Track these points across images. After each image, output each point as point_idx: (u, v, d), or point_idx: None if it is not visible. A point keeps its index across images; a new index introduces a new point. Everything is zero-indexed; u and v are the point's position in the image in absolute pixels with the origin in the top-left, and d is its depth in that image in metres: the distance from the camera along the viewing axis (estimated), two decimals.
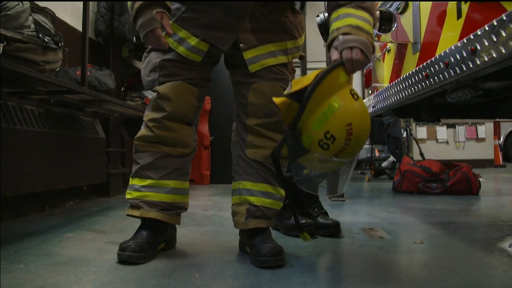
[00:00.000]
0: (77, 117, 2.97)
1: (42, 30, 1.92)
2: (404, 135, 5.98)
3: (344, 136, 1.12)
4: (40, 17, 2.02)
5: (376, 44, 2.49)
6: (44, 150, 2.43)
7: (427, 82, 1.49)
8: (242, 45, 1.48)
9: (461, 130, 9.89)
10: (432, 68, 1.45)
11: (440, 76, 1.38)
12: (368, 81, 2.56)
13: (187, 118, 1.50)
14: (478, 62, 1.15)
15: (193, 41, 1.47)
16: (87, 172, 2.99)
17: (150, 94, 3.61)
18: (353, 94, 1.17)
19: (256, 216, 1.48)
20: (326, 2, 1.67)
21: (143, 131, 1.51)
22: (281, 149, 1.24)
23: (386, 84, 2.36)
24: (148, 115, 1.51)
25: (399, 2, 1.98)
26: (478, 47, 1.15)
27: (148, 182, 1.49)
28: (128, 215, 1.53)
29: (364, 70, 2.63)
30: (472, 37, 1.19)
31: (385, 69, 2.38)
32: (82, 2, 3.32)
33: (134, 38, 3.51)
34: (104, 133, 3.31)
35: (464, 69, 1.22)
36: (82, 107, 2.99)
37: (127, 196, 1.54)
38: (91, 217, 2.43)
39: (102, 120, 3.40)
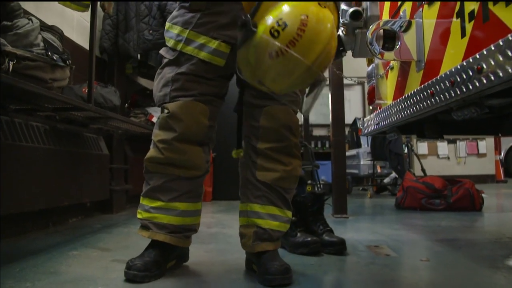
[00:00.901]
0: (81, 133, 2.98)
1: (50, 48, 1.95)
2: (406, 151, 5.99)
3: (297, 25, 1.06)
4: (48, 35, 2.05)
5: (379, 62, 2.51)
6: (48, 166, 2.44)
7: (433, 100, 1.50)
8: None
9: (462, 145, 9.89)
10: (437, 86, 1.46)
11: (446, 94, 1.39)
12: (371, 98, 2.57)
13: (198, 139, 1.48)
14: (484, 81, 1.16)
15: (214, 44, 1.45)
16: (90, 188, 2.99)
17: (154, 111, 3.66)
18: (320, 4, 1.12)
19: (263, 239, 1.48)
20: None
21: (152, 151, 1.49)
22: (241, 44, 1.15)
23: (389, 101, 2.38)
24: (157, 134, 1.49)
25: (402, 20, 2.00)
26: (484, 66, 1.17)
27: (157, 203, 1.48)
28: (138, 233, 1.53)
29: (368, 87, 2.65)
30: (478, 56, 1.20)
31: (388, 86, 2.39)
32: (88, 21, 3.37)
33: (139, 56, 3.54)
34: (108, 149, 3.32)
35: (470, 87, 1.23)
36: (86, 124, 3.00)
37: (138, 216, 1.53)
38: (95, 234, 2.43)
39: (106, 136, 3.41)
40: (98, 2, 2.51)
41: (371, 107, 2.73)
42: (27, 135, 2.32)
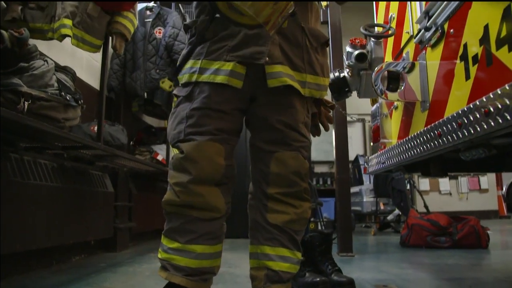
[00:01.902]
0: (88, 171, 3.00)
1: (64, 89, 2.00)
2: (408, 187, 5.98)
3: None
4: (62, 76, 2.10)
5: (383, 101, 2.56)
6: (55, 204, 2.45)
7: (440, 141, 1.53)
8: (268, 58, 1.43)
9: (463, 181, 9.89)
10: (444, 128, 1.50)
11: (454, 135, 1.42)
12: (376, 137, 2.61)
13: (215, 180, 1.44)
14: (492, 124, 1.19)
15: (229, 66, 1.43)
16: (95, 226, 2.98)
17: (159, 149, 3.70)
18: None
19: (274, 281, 1.47)
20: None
21: (169, 194, 1.45)
22: None
23: (394, 140, 2.41)
24: (172, 176, 1.46)
25: (406, 62, 2.06)
26: (492, 110, 1.20)
27: (175, 245, 1.45)
28: (158, 274, 1.50)
29: (372, 126, 2.70)
30: (484, 99, 1.24)
31: (392, 126, 2.44)
32: (97, 61, 3.46)
33: (145, 94, 3.61)
34: (113, 187, 3.33)
35: (478, 129, 1.27)
36: (93, 162, 3.03)
37: (158, 255, 1.49)
38: (100, 274, 2.41)
39: (111, 173, 3.43)
40: (110, 44, 2.57)
41: (371, 143, 2.77)
42: (35, 173, 2.35)
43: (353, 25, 8.55)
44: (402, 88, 2.02)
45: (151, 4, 3.70)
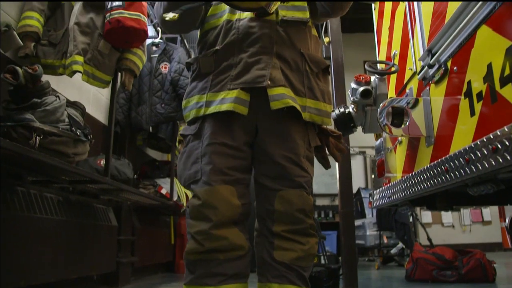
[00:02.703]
0: (92, 204, 3.00)
1: (74, 124, 2.03)
2: (410, 219, 5.95)
3: None
4: (72, 111, 2.14)
5: (387, 136, 2.60)
6: (59, 238, 2.44)
7: (448, 176, 1.55)
8: (270, 82, 1.45)
9: (466, 213, 9.82)
10: (452, 163, 1.52)
11: (461, 171, 1.44)
12: (380, 171, 2.63)
13: (233, 219, 1.45)
14: (500, 160, 1.22)
15: (234, 93, 1.45)
16: (98, 261, 2.95)
17: (163, 183, 3.70)
18: None
19: None
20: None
21: (192, 244, 1.44)
22: None
23: (399, 174, 2.43)
24: (192, 225, 1.45)
25: (410, 98, 2.10)
26: (499, 146, 1.23)
27: None
28: None
29: (376, 160, 2.72)
30: (491, 136, 1.27)
31: (397, 160, 2.46)
32: (103, 95, 3.52)
33: (151, 128, 3.65)
34: (116, 220, 3.32)
35: (486, 166, 1.29)
36: (97, 195, 3.03)
37: None
38: None
39: (115, 207, 3.43)
40: (118, 80, 2.63)
41: (373, 176, 2.78)
42: (41, 206, 2.35)
43: (355, 60, 8.73)
44: (407, 123, 2.05)
45: (158, 40, 3.80)
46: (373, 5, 2.96)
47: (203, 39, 1.65)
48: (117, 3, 2.31)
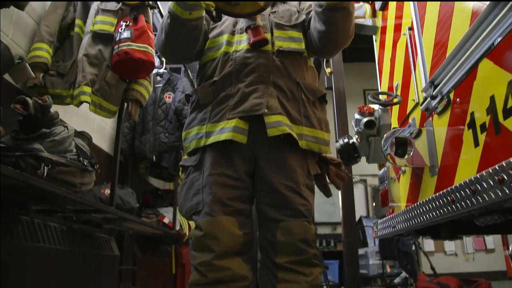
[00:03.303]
0: (95, 234, 2.98)
1: (82, 154, 2.05)
2: (413, 248, 5.90)
3: None
4: (79, 141, 2.16)
5: (390, 165, 2.61)
6: (61, 269, 2.42)
7: (454, 206, 1.56)
8: (267, 110, 1.48)
9: (469, 241, 9.72)
10: (457, 194, 1.53)
11: (468, 202, 1.45)
12: (384, 201, 2.63)
13: (235, 250, 1.46)
14: (507, 191, 1.23)
15: (232, 122, 1.48)
16: None
17: (165, 212, 3.69)
18: None
19: None
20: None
21: (195, 275, 1.44)
22: None
23: (403, 204, 2.44)
24: (195, 257, 1.46)
25: (413, 128, 2.13)
26: (505, 177, 1.24)
27: None
28: None
29: (380, 190, 2.73)
30: (497, 168, 1.29)
31: (401, 190, 2.47)
32: (107, 124, 3.56)
33: (154, 157, 3.67)
34: (118, 249, 3.29)
35: (493, 196, 1.30)
36: (100, 224, 3.02)
37: None
38: None
39: (117, 236, 3.41)
40: (124, 110, 2.67)
41: (374, 204, 2.78)
42: (45, 236, 2.34)
43: (355, 89, 8.83)
44: (411, 153, 2.07)
45: (162, 70, 3.86)
46: (374, 36, 3.03)
47: (201, 71, 1.70)
48: (125, 35, 2.37)
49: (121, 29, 2.38)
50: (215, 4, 1.40)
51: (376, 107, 2.18)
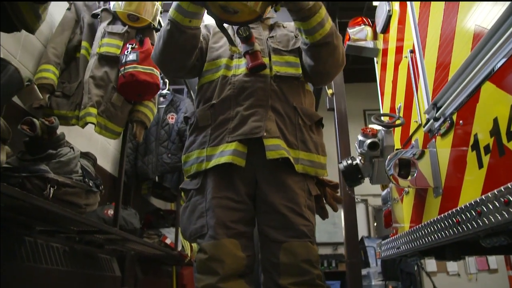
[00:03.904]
0: (97, 255, 2.97)
1: (87, 175, 2.06)
2: (415, 268, 5.86)
3: None
4: (84, 162, 2.18)
5: (393, 186, 2.62)
6: None
7: (459, 228, 1.56)
8: (266, 133, 1.50)
9: (471, 261, 9.60)
10: (463, 215, 1.53)
11: (473, 223, 1.45)
12: (388, 222, 2.63)
13: (239, 272, 1.47)
14: None
15: (232, 146, 1.50)
16: None
17: (168, 232, 3.68)
18: None
19: None
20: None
21: None
22: None
23: (406, 225, 2.43)
24: (200, 279, 1.47)
25: (416, 150, 2.15)
26: (511, 199, 1.25)
27: None
28: None
29: (383, 211, 2.73)
30: (503, 189, 1.30)
31: (404, 211, 2.47)
32: (110, 145, 3.57)
33: (157, 178, 3.68)
34: (119, 270, 3.27)
35: (499, 218, 1.30)
36: (102, 245, 3.01)
37: None
38: None
39: (119, 257, 3.39)
40: (129, 131, 2.69)
41: (375, 224, 2.77)
42: (47, 257, 2.33)
43: (355, 109, 8.88)
44: (414, 175, 2.08)
45: (165, 91, 3.90)
46: (375, 58, 3.07)
47: (199, 93, 1.73)
48: (131, 57, 2.40)
49: (127, 52, 2.42)
50: (214, 14, 1.45)
51: (379, 128, 2.20)
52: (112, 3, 2.58)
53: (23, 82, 1.61)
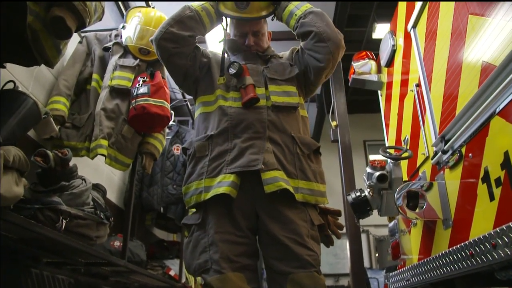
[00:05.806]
0: (101, 286, 2.93)
1: (98, 207, 2.07)
2: None
3: None
4: (95, 193, 2.19)
5: (401, 217, 2.62)
6: None
7: (473, 260, 1.56)
8: (263, 166, 1.52)
9: None
10: (477, 248, 1.54)
11: (488, 256, 1.46)
12: (395, 253, 2.62)
13: None
14: None
15: (230, 178, 1.52)
16: None
17: (171, 264, 3.64)
18: None
19: None
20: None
21: None
22: None
23: (414, 256, 2.42)
24: None
25: (424, 182, 2.17)
26: None
27: None
28: None
29: (391, 242, 2.72)
30: None
31: (412, 243, 2.46)
32: (116, 175, 3.58)
33: (162, 209, 3.67)
34: None
35: None
36: (107, 277, 2.97)
37: None
38: None
39: None
40: (138, 163, 2.71)
41: (377, 255, 2.74)
42: None
43: (355, 139, 8.93)
44: (423, 207, 2.09)
45: (171, 122, 3.94)
46: (379, 91, 3.12)
47: (197, 123, 1.76)
48: (142, 90, 2.45)
49: (139, 85, 2.47)
50: (225, 9, 1.65)
51: (386, 159, 2.23)
52: (124, 37, 2.64)
53: (41, 115, 1.64)
